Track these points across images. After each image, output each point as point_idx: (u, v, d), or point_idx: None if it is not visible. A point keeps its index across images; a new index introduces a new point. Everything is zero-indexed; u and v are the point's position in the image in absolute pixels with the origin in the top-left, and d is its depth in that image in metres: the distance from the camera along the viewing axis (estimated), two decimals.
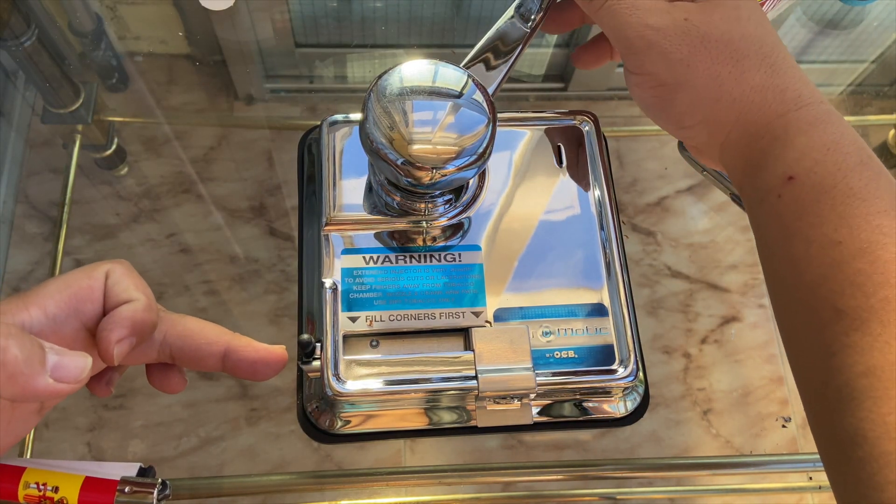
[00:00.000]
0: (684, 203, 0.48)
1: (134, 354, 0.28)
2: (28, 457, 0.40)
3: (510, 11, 0.37)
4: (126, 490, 0.29)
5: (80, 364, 0.25)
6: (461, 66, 0.37)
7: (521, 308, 0.40)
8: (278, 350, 0.30)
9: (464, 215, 0.41)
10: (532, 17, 0.37)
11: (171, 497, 0.33)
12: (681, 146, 0.40)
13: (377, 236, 0.41)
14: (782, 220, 0.28)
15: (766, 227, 0.29)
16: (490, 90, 0.37)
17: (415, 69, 0.36)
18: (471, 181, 0.42)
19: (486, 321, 0.39)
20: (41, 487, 0.27)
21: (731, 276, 0.47)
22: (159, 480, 0.32)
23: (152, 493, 0.29)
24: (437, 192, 0.39)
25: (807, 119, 0.29)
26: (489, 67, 0.38)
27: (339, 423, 0.40)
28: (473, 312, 0.39)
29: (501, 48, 0.38)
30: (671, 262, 0.47)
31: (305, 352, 0.37)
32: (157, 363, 0.30)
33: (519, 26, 0.37)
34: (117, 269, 0.28)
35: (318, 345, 0.37)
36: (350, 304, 0.39)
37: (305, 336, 0.37)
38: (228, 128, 0.49)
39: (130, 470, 0.32)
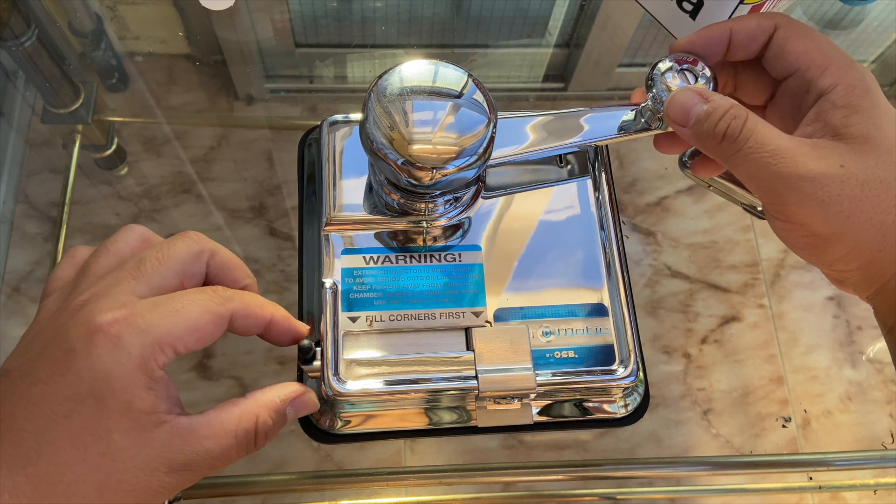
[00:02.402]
0: (684, 203, 0.48)
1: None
2: None
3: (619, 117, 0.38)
4: None
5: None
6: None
7: (521, 308, 0.40)
8: (304, 330, 0.32)
9: (464, 215, 0.41)
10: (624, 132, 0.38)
11: (181, 500, 0.33)
12: (681, 163, 0.39)
13: (377, 236, 0.41)
14: None
15: None
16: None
17: (415, 69, 0.36)
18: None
19: (486, 321, 0.39)
20: None
21: (731, 276, 0.47)
22: None
23: None
24: (438, 192, 0.39)
25: None
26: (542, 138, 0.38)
27: (339, 423, 0.40)
28: (473, 312, 0.39)
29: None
30: (671, 262, 0.47)
31: (305, 357, 0.37)
32: None
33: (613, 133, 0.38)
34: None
35: (318, 350, 0.37)
36: (350, 304, 0.39)
37: (306, 342, 0.37)
38: (228, 128, 0.49)
39: None
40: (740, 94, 0.36)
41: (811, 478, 0.42)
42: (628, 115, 0.37)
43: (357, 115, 0.43)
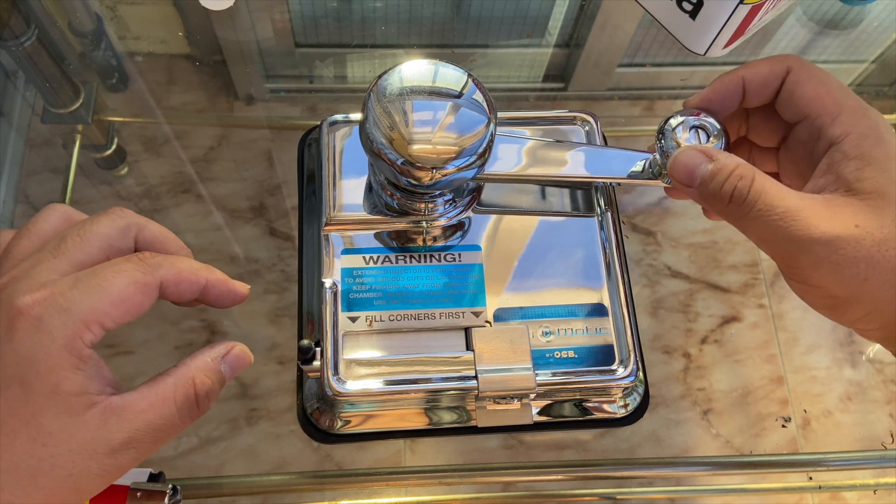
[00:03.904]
0: (684, 203, 0.48)
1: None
2: None
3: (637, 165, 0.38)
4: (138, 496, 0.29)
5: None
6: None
7: (521, 308, 0.40)
8: (243, 291, 0.30)
9: (464, 215, 0.41)
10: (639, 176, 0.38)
11: (180, 502, 0.33)
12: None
13: (377, 236, 0.41)
14: None
15: None
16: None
17: (415, 69, 0.36)
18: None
19: (486, 321, 0.39)
20: None
21: (731, 276, 0.47)
22: (170, 486, 0.32)
23: (163, 500, 0.29)
24: (437, 192, 0.39)
25: None
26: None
27: (339, 423, 0.40)
28: (473, 312, 0.39)
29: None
30: (671, 262, 0.47)
31: (305, 357, 0.37)
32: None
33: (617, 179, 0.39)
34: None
35: (318, 350, 0.37)
36: (350, 304, 0.39)
37: (306, 342, 0.37)
38: (228, 128, 0.49)
39: (141, 476, 0.32)
40: (752, 136, 0.36)
41: (811, 478, 0.42)
42: (637, 165, 0.38)
43: (357, 115, 0.43)
